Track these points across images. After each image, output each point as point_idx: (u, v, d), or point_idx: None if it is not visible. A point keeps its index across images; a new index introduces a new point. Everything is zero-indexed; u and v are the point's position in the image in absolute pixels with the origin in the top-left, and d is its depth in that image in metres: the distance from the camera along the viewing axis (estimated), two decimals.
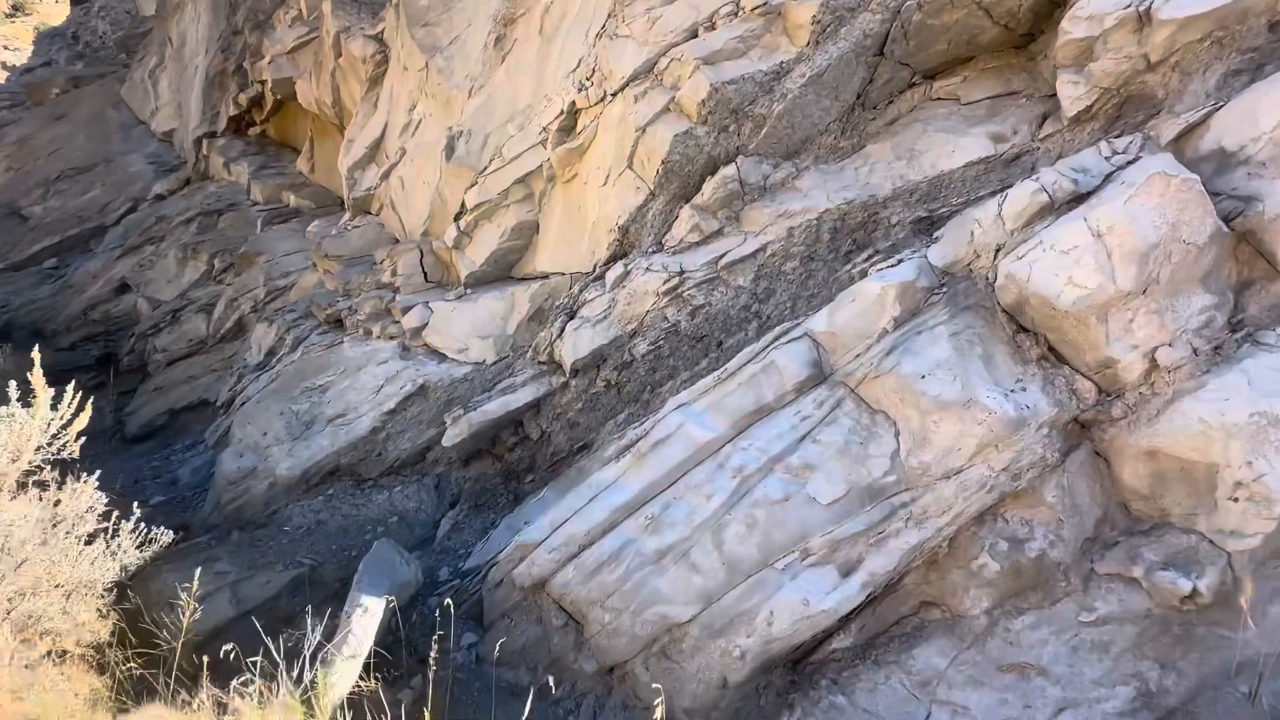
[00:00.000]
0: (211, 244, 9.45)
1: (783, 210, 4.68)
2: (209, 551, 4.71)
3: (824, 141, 5.00)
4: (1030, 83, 4.79)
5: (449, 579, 4.21)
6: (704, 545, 3.21)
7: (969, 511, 3.02)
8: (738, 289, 4.65)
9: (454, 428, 4.89)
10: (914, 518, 3.07)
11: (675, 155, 4.67)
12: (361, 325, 6.14)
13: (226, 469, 5.51)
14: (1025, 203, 3.45)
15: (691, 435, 3.63)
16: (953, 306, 3.45)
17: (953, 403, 3.08)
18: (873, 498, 3.14)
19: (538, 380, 5.07)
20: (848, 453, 3.27)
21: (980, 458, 3.03)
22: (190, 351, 8.13)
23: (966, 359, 3.20)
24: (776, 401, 3.64)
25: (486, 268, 5.87)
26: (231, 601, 4.07)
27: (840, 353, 3.66)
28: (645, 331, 4.74)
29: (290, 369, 6.09)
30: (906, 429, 3.20)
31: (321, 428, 5.48)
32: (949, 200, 4.51)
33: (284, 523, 5.13)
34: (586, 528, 3.53)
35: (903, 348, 3.35)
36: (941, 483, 3.06)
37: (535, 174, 5.49)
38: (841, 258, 4.62)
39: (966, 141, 4.59)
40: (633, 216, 4.91)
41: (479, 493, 5.18)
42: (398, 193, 6.87)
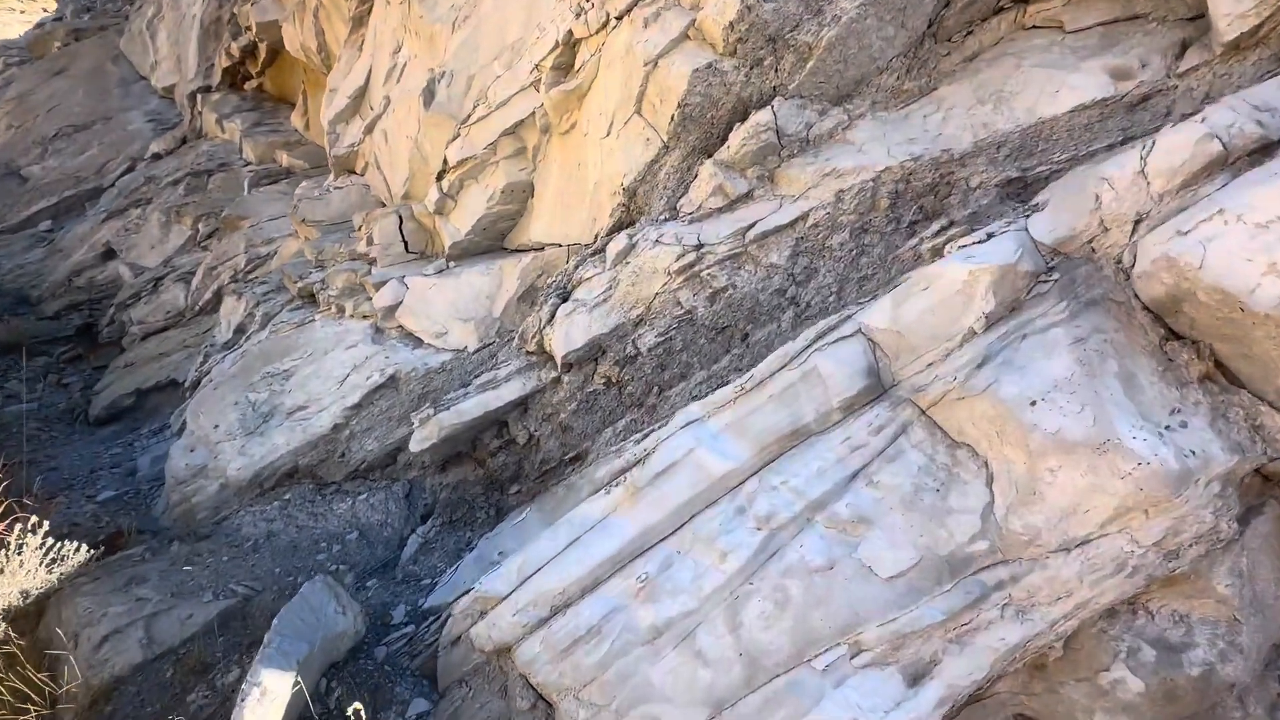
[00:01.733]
0: (197, 206, 8.74)
1: (830, 168, 3.68)
2: (138, 568, 4.02)
3: (884, 82, 3.96)
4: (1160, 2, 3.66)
5: (404, 621, 3.44)
6: (715, 625, 2.35)
7: (1099, 602, 2.10)
8: (770, 268, 3.69)
9: (422, 430, 4.08)
10: (1015, 605, 2.16)
11: (695, 96, 3.69)
12: (334, 302, 5.34)
13: (175, 465, 4.81)
14: (1186, 154, 2.43)
15: (704, 464, 2.74)
16: (1071, 300, 2.47)
17: (1079, 443, 2.13)
18: (954, 572, 2.23)
19: (524, 374, 4.21)
20: (918, 504, 2.35)
21: (1119, 525, 2.09)
22: (167, 324, 7.48)
23: (1097, 379, 2.23)
24: (818, 423, 2.73)
25: (474, 237, 5.00)
26: (142, 642, 3.36)
27: (906, 359, 2.71)
28: (653, 319, 3.83)
29: (255, 350, 5.35)
30: (1006, 475, 2.26)
31: (279, 421, 4.73)
32: (1050, 156, 3.48)
33: (232, 533, 4.41)
34: (561, 584, 2.69)
35: (1001, 359, 2.39)
36: (1058, 557, 2.13)
37: (527, 123, 4.55)
38: (904, 230, 3.63)
39: (1076, 79, 3.52)
40: (641, 175, 3.96)
41: (456, 504, 4.39)
42: (382, 149, 6.00)
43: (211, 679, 3.17)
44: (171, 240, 8.54)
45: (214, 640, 3.36)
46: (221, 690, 3.11)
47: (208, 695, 3.09)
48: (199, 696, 3.08)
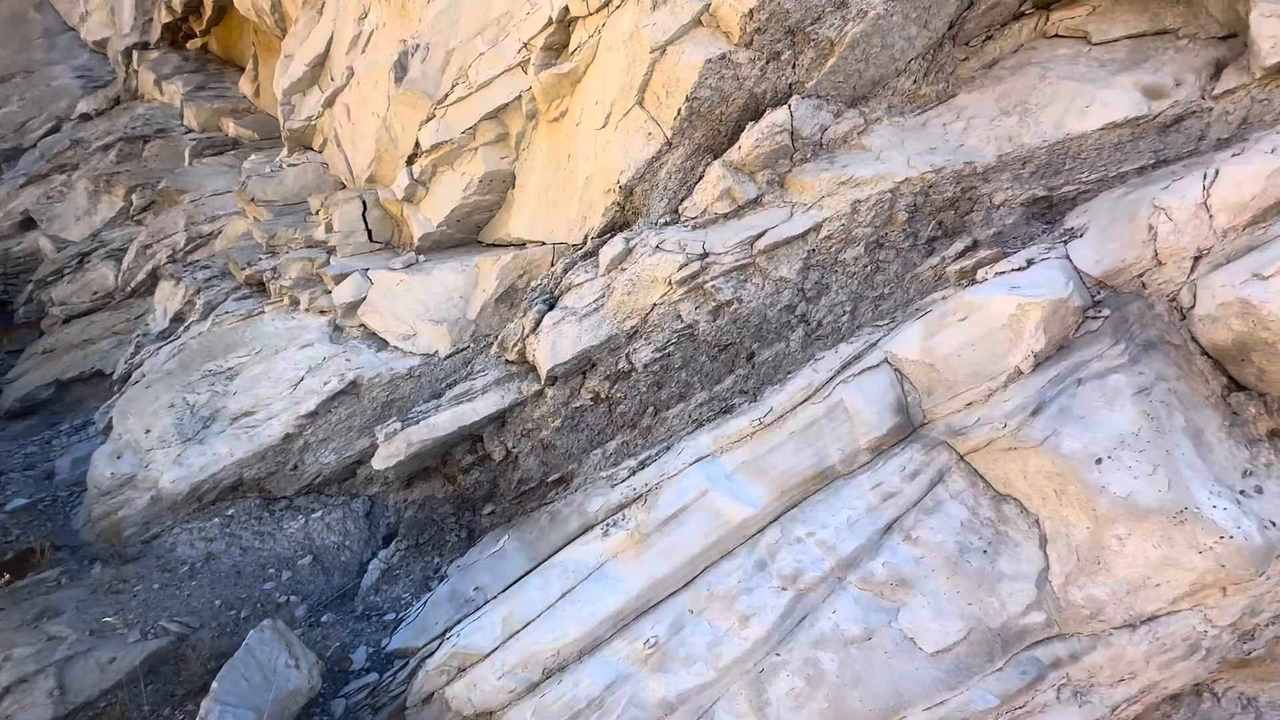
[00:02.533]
0: (131, 176, 7.96)
1: (846, 176, 3.41)
2: (52, 597, 3.51)
3: (901, 85, 3.70)
4: (1189, 18, 3.49)
5: (365, 667, 3.06)
6: (736, 702, 2.06)
7: (1166, 686, 1.90)
8: (779, 282, 3.40)
9: (387, 446, 3.67)
10: (1074, 685, 1.94)
11: (705, 90, 3.35)
12: (286, 293, 4.83)
13: (99, 473, 4.26)
14: (1258, 188, 2.23)
15: (718, 509, 2.45)
16: (1128, 342, 2.25)
17: (1153, 510, 1.92)
18: (1007, 647, 2.00)
19: (503, 385, 3.83)
20: (963, 566, 2.11)
21: (1193, 601, 1.89)
22: (94, 307, 6.77)
23: (1167, 435, 2.02)
24: (844, 464, 2.46)
25: (447, 228, 4.56)
26: (53, 694, 2.89)
27: (940, 395, 2.47)
28: (650, 333, 3.51)
29: (194, 344, 4.80)
30: (1064, 540, 2.04)
31: (222, 427, 4.23)
32: (1078, 176, 3.28)
33: (164, 554, 3.92)
34: (555, 644, 2.36)
35: (1057, 406, 2.16)
36: (1122, 634, 1.92)
37: (512, 108, 4.14)
38: (922, 247, 3.39)
39: (1107, 95, 3.32)
40: (640, 173, 3.61)
41: (423, 525, 4.00)
42: (343, 124, 5.46)
43: None
44: (100, 212, 7.76)
45: (139, 691, 2.91)
46: None
47: None
48: None
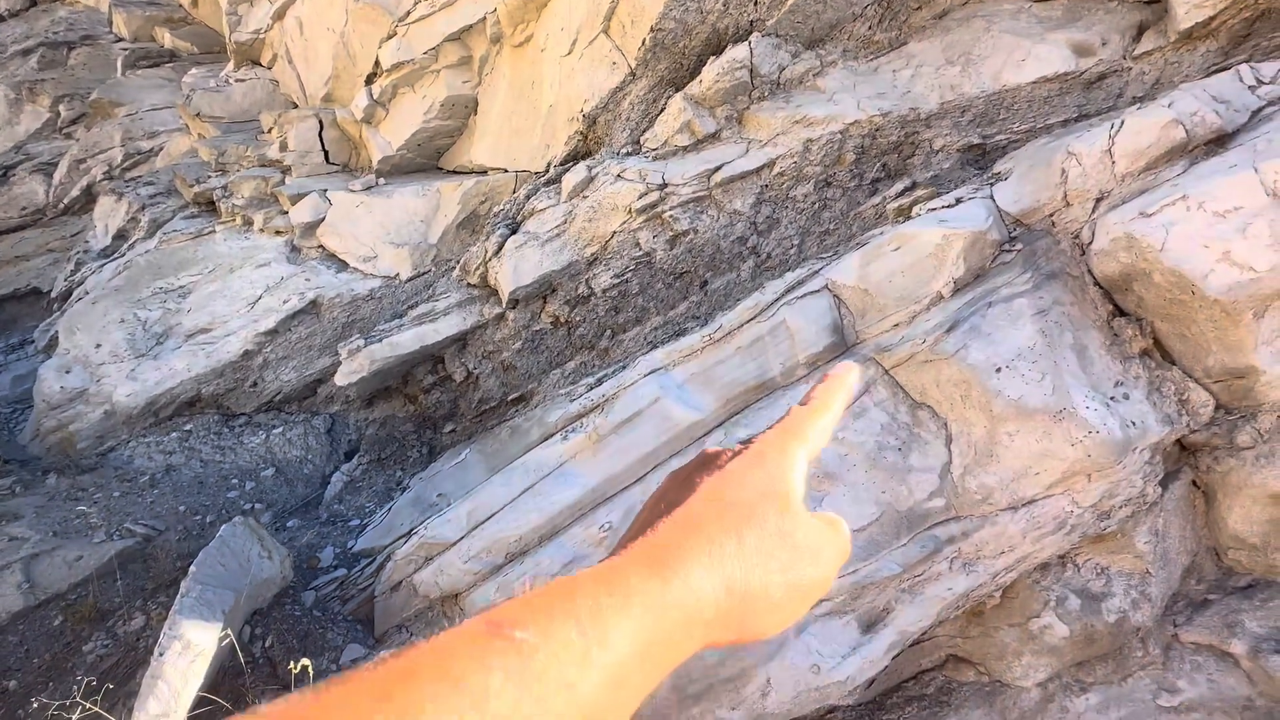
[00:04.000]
0: (57, 85, 7.48)
1: (800, 116, 3.58)
2: (8, 504, 3.54)
3: (857, 30, 3.86)
4: None
5: (333, 564, 3.24)
6: None
7: (1037, 556, 2.26)
8: (733, 214, 3.60)
9: (350, 363, 3.77)
10: (964, 558, 2.29)
11: (670, 21, 3.44)
12: (239, 212, 4.75)
13: (47, 388, 4.22)
14: (1152, 137, 2.51)
15: (669, 413, 2.69)
16: (1034, 271, 2.55)
17: (1038, 410, 2.24)
18: (911, 526, 2.33)
19: (465, 307, 3.96)
20: (880, 461, 2.42)
21: (1063, 487, 2.24)
22: (24, 222, 6.45)
23: (1056, 349, 2.34)
24: (784, 377, 2.73)
25: (407, 152, 4.55)
26: (21, 587, 2.98)
27: (872, 318, 2.74)
28: (610, 259, 3.67)
29: (142, 261, 4.70)
30: (965, 437, 2.36)
31: (177, 344, 4.22)
32: (1010, 126, 3.54)
33: (122, 465, 3.96)
34: (518, 531, 2.60)
35: (969, 325, 2.45)
36: (1006, 515, 2.27)
37: (476, 30, 4.12)
38: (866, 187, 3.62)
39: (1042, 50, 3.56)
40: (604, 102, 3.70)
41: (384, 442, 4.15)
42: (295, 39, 5.28)
43: (111, 627, 2.87)
44: (24, 122, 7.29)
45: (112, 584, 3.03)
46: (124, 639, 2.82)
47: (108, 644, 2.81)
48: (97, 646, 2.79)
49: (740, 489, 0.46)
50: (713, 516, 0.44)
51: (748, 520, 0.44)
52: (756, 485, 0.46)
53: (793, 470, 0.48)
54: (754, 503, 0.45)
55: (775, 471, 0.47)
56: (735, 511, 0.44)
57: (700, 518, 0.44)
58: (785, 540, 0.44)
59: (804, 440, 0.50)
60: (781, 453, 0.48)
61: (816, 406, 0.52)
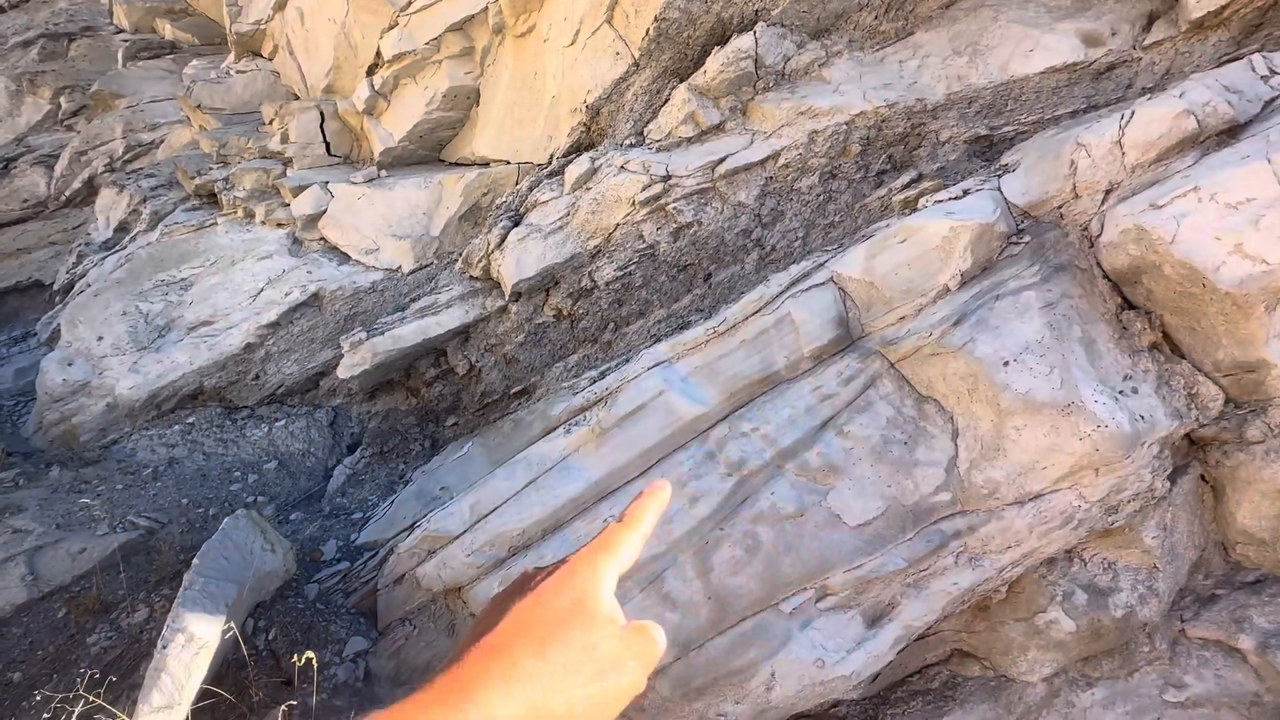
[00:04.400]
0: (58, 76, 7.45)
1: (805, 107, 3.55)
2: (12, 496, 3.54)
3: (862, 20, 3.82)
4: None
5: (336, 557, 3.24)
6: (684, 569, 2.34)
7: (1044, 551, 2.25)
8: (737, 206, 3.57)
9: (353, 355, 3.75)
10: (969, 553, 2.28)
11: (674, 11, 3.41)
12: (241, 204, 4.73)
13: (50, 380, 4.21)
14: (1164, 128, 2.48)
15: (673, 407, 2.67)
16: (1042, 264, 2.53)
17: (1046, 404, 2.22)
18: (917, 521, 2.31)
19: (468, 300, 3.94)
20: (886, 455, 2.40)
21: (1070, 481, 2.22)
22: (24, 215, 6.44)
23: (1064, 343, 2.32)
24: (789, 370, 2.71)
25: (409, 144, 4.53)
26: (25, 579, 2.98)
27: (878, 310, 2.72)
28: (613, 251, 3.65)
29: (144, 254, 4.69)
30: (972, 431, 2.34)
31: (179, 337, 4.21)
32: (1017, 117, 3.50)
33: (124, 458, 3.96)
34: (521, 525, 2.58)
35: (976, 318, 2.43)
36: (1012, 510, 2.25)
37: (478, 20, 4.09)
38: (872, 179, 3.59)
39: (1050, 40, 3.52)
40: (607, 93, 3.67)
41: (386, 435, 4.14)
42: (295, 30, 5.24)
43: (115, 619, 2.87)
44: (25, 114, 7.27)
45: (115, 577, 3.03)
46: (128, 631, 2.83)
47: (111, 636, 2.81)
48: (101, 638, 2.79)
49: (548, 607, 0.48)
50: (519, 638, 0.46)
51: (552, 637, 0.46)
52: (564, 602, 0.48)
53: (601, 585, 0.50)
54: (561, 619, 0.47)
55: (584, 586, 0.49)
56: (541, 629, 0.47)
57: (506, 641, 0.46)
58: (590, 653, 0.46)
59: (614, 555, 0.52)
60: (591, 569, 0.51)
61: (629, 523, 0.54)
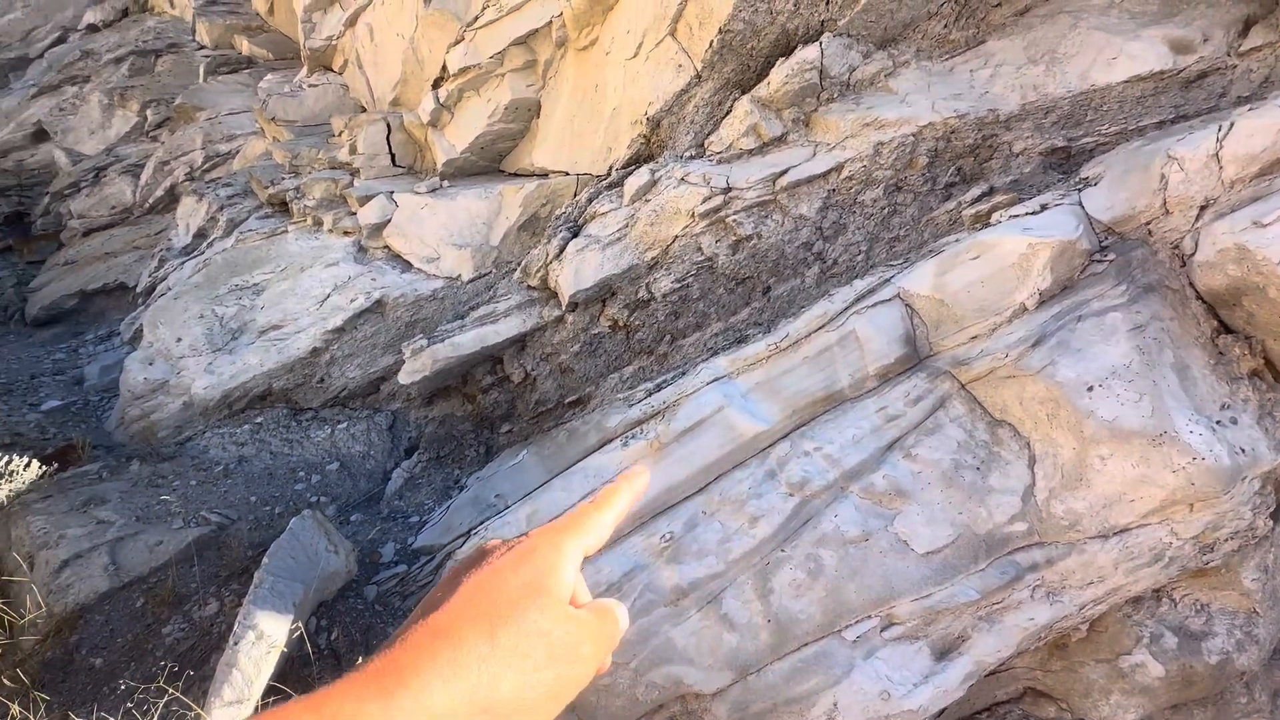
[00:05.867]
0: (145, 91, 7.90)
1: (871, 118, 3.47)
2: (96, 487, 3.74)
3: (931, 29, 3.72)
4: None
5: (394, 560, 3.31)
6: (743, 590, 2.29)
7: (1130, 589, 2.12)
8: (798, 219, 3.52)
9: (413, 362, 3.84)
10: (1047, 586, 2.16)
11: (739, 23, 3.38)
12: (310, 213, 4.91)
13: (132, 378, 4.45)
14: (1267, 140, 2.33)
15: (733, 423, 2.63)
16: (1129, 284, 2.39)
17: (1135, 433, 2.10)
18: (990, 551, 2.21)
19: (525, 309, 3.98)
20: (957, 481, 2.31)
21: (1161, 516, 2.09)
22: (112, 221, 6.84)
23: (1155, 368, 2.19)
24: (853, 389, 2.64)
25: (471, 155, 4.62)
26: (108, 569, 3.14)
27: (948, 329, 2.62)
28: (671, 263, 3.64)
29: (220, 259, 4.91)
30: (1051, 459, 2.23)
31: (251, 339, 4.39)
32: (1098, 128, 3.35)
33: (198, 455, 4.14)
34: None
35: (1056, 339, 2.31)
36: (1095, 544, 2.13)
37: (541, 34, 4.15)
38: (939, 192, 3.49)
39: (1135, 47, 3.36)
40: (668, 105, 3.67)
41: (442, 440, 4.21)
42: (365, 46, 5.43)
43: (188, 611, 2.99)
44: (115, 126, 7.73)
45: (189, 570, 3.16)
46: (199, 624, 2.94)
47: (184, 628, 2.92)
48: (175, 629, 2.91)
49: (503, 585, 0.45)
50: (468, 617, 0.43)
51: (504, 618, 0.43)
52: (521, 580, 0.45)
53: (561, 563, 0.47)
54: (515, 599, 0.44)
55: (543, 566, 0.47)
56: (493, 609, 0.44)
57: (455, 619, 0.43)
58: (544, 638, 0.44)
59: (580, 534, 0.50)
60: (554, 547, 0.48)
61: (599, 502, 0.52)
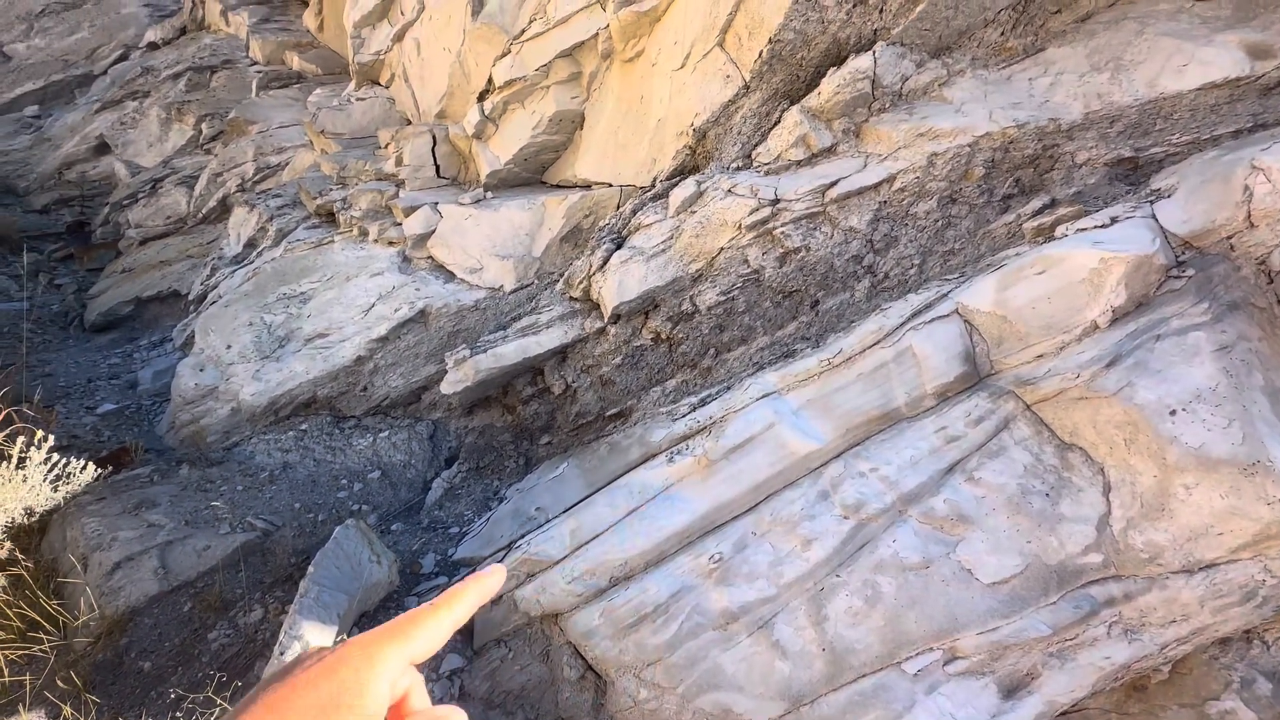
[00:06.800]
0: (201, 105, 8.18)
1: (925, 128, 3.38)
2: (147, 491, 3.82)
3: (988, 37, 3.62)
4: None
5: (435, 571, 3.29)
6: (796, 616, 2.20)
7: (1217, 629, 1.97)
8: (848, 231, 3.43)
9: (456, 371, 3.84)
10: (1125, 623, 2.03)
11: (789, 33, 3.33)
12: (356, 223, 4.99)
13: (184, 384, 4.55)
14: None
15: (784, 441, 2.55)
16: (1211, 302, 2.26)
17: (1224, 461, 1.96)
18: (1062, 583, 2.09)
19: (567, 321, 3.96)
20: (1025, 507, 2.19)
21: (1253, 552, 1.94)
22: (167, 230, 7.07)
23: (1244, 392, 2.05)
24: (910, 408, 2.54)
25: (514, 167, 4.64)
26: (157, 572, 3.19)
27: (1011, 346, 2.51)
28: (716, 276, 3.58)
29: (269, 268, 5.02)
30: (1128, 486, 2.09)
31: (297, 347, 4.46)
32: (1167, 137, 3.20)
33: (244, 460, 4.21)
34: (623, 555, 2.53)
35: (1133, 360, 2.19)
36: (1179, 579, 1.99)
37: (587, 46, 4.15)
38: (996, 204, 3.36)
39: (1207, 53, 3.21)
40: (715, 116, 3.62)
41: (482, 450, 4.21)
42: (412, 60, 5.52)
43: (233, 617, 3.01)
44: (172, 139, 8.01)
45: (235, 576, 3.19)
46: (244, 630, 2.96)
47: (230, 634, 2.94)
48: (221, 635, 2.93)
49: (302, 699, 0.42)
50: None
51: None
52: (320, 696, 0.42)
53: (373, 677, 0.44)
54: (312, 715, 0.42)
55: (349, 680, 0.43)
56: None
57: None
58: None
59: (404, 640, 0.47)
60: (366, 658, 0.45)
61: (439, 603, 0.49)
